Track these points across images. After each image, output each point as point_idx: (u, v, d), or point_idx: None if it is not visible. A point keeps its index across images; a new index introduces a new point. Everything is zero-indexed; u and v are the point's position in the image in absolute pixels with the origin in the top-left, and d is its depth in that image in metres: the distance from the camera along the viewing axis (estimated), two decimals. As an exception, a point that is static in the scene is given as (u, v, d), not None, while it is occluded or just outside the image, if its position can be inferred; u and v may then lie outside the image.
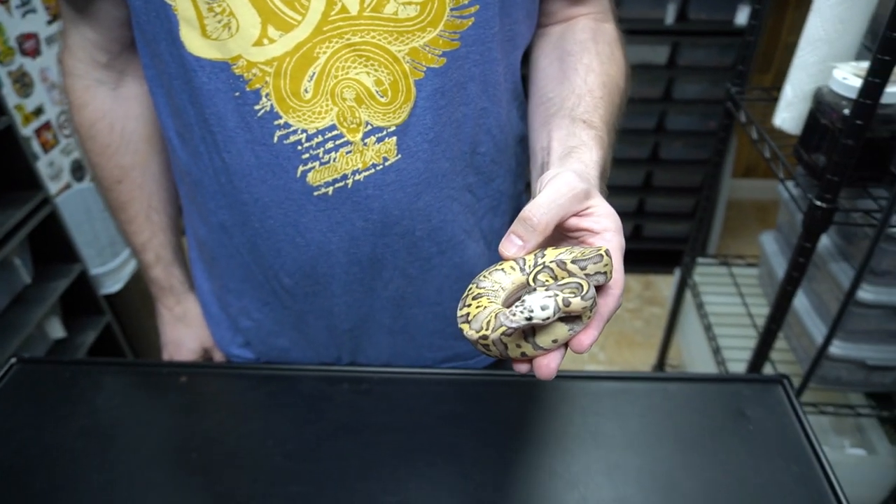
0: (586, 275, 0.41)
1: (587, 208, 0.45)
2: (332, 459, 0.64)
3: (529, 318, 0.38)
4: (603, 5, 0.66)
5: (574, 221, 0.45)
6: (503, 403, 0.71)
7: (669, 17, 1.92)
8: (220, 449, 0.66)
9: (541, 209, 0.43)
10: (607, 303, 0.42)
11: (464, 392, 0.72)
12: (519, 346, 0.41)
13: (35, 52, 1.64)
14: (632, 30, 1.92)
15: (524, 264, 0.45)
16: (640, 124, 2.12)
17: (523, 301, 0.39)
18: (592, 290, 0.40)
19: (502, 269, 0.45)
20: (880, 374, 1.15)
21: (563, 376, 0.74)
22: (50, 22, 1.69)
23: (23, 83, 1.60)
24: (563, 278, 0.42)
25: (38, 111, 1.66)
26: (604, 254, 0.41)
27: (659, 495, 0.61)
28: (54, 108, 1.72)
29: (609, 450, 0.65)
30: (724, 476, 0.62)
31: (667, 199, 2.28)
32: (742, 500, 0.60)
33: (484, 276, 0.45)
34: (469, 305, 0.43)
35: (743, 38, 1.21)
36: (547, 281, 0.42)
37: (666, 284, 2.38)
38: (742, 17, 1.89)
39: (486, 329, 0.41)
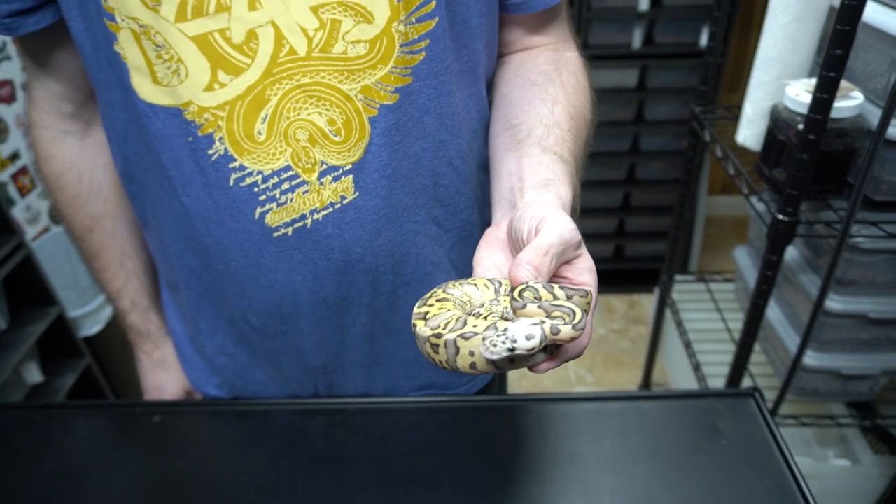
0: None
1: (575, 258, 0.44)
2: (306, 492, 0.64)
3: (512, 349, 0.34)
4: (563, 34, 0.66)
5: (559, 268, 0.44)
6: (478, 429, 0.71)
7: (636, 41, 1.97)
8: (193, 486, 0.66)
9: (554, 247, 0.41)
10: (574, 347, 0.40)
11: (438, 420, 0.72)
12: (472, 354, 0.37)
13: (10, 99, 1.65)
14: (601, 55, 1.97)
15: (499, 287, 0.42)
16: (615, 146, 2.16)
17: (505, 330, 0.35)
18: (585, 320, 0.36)
19: (474, 285, 0.42)
20: (857, 384, 1.16)
21: (537, 399, 0.74)
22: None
23: (-2, 129, 1.61)
24: (547, 300, 0.38)
25: (14, 156, 1.66)
26: (589, 291, 0.39)
27: (635, 514, 0.61)
28: (30, 153, 1.72)
29: (585, 471, 0.65)
30: (698, 492, 0.63)
31: (646, 218, 2.31)
32: (717, 515, 0.61)
33: (454, 285, 0.43)
34: (431, 305, 0.40)
35: (703, 60, 1.25)
36: (534, 299, 0.38)
37: (650, 303, 2.39)
38: (706, 38, 1.94)
39: (444, 329, 0.37)
